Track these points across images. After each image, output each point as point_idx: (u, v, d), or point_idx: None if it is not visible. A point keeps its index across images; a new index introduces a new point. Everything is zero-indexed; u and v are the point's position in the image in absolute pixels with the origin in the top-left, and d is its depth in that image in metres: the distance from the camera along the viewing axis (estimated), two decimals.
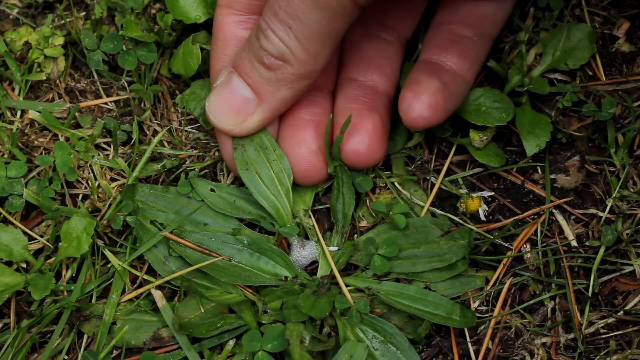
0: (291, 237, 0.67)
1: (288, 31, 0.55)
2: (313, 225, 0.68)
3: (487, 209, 0.70)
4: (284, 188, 0.67)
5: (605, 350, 0.62)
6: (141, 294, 0.67)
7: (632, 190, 0.67)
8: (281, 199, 0.67)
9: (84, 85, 0.76)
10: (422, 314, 0.63)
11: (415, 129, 0.64)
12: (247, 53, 0.59)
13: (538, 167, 0.71)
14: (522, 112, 0.71)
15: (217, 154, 0.73)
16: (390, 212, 0.67)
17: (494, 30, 0.69)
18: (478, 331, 0.65)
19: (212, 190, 0.69)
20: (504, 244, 0.68)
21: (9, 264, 0.68)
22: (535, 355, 0.63)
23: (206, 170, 0.72)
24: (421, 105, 0.62)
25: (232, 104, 0.60)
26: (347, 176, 0.68)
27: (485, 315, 0.66)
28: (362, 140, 0.64)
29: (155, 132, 0.74)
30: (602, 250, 0.66)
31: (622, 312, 0.64)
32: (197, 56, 0.72)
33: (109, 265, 0.69)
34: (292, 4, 0.54)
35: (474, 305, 0.66)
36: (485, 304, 0.66)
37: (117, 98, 0.75)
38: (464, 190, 0.70)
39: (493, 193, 0.70)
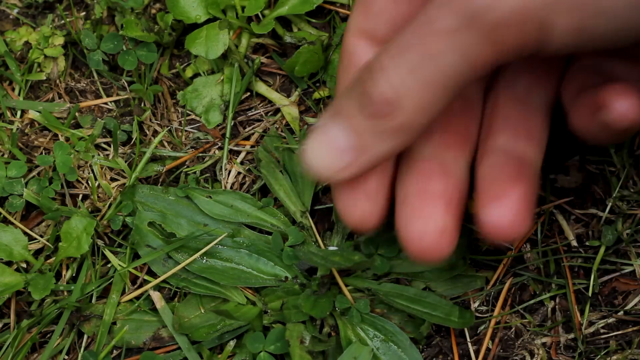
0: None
1: (411, 73, 0.49)
2: (311, 226, 0.68)
3: None
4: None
5: (605, 350, 0.63)
6: (141, 294, 0.67)
7: (632, 190, 0.67)
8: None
9: (84, 85, 0.76)
10: (421, 315, 0.63)
11: (620, 124, 0.52)
12: (353, 98, 0.52)
13: None
14: None
15: (217, 153, 0.73)
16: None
17: None
18: (478, 331, 0.65)
19: (209, 197, 0.69)
20: (504, 244, 0.68)
21: (9, 264, 0.68)
22: (535, 355, 0.63)
23: (207, 174, 0.72)
24: (632, 99, 0.51)
25: (330, 151, 0.54)
26: None
27: (485, 315, 0.66)
28: (505, 212, 0.54)
29: (155, 132, 0.74)
30: (602, 250, 0.66)
31: (622, 312, 0.64)
32: (224, 42, 0.72)
33: (109, 265, 0.69)
34: (429, 42, 0.48)
35: (474, 305, 0.66)
36: (485, 304, 0.66)
37: (117, 98, 0.75)
38: None
39: None
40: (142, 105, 0.75)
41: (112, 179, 0.72)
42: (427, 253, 0.56)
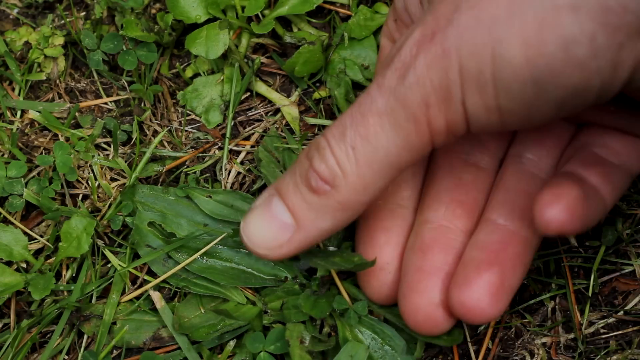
0: None
1: (350, 152, 0.50)
2: None
3: None
4: None
5: (606, 350, 0.63)
6: (141, 294, 0.67)
7: (632, 190, 0.67)
8: None
9: (84, 85, 0.76)
10: (410, 331, 0.62)
11: (547, 232, 0.53)
12: (293, 175, 0.54)
13: None
14: None
15: (217, 153, 0.73)
16: None
17: (636, 168, 0.59)
18: (478, 331, 0.65)
19: (209, 197, 0.69)
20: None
21: (9, 264, 0.68)
22: (535, 355, 0.63)
23: (207, 174, 0.72)
24: (558, 208, 0.52)
25: (269, 228, 0.55)
26: None
27: None
28: (473, 296, 0.55)
29: (155, 132, 0.74)
30: (602, 250, 0.66)
31: (622, 312, 0.64)
32: (224, 42, 0.72)
33: (109, 265, 0.69)
34: (367, 122, 0.49)
35: None
36: None
37: (117, 98, 0.75)
38: None
39: None
40: (142, 105, 0.75)
41: (112, 179, 0.72)
42: (422, 327, 0.57)
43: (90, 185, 0.71)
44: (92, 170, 0.71)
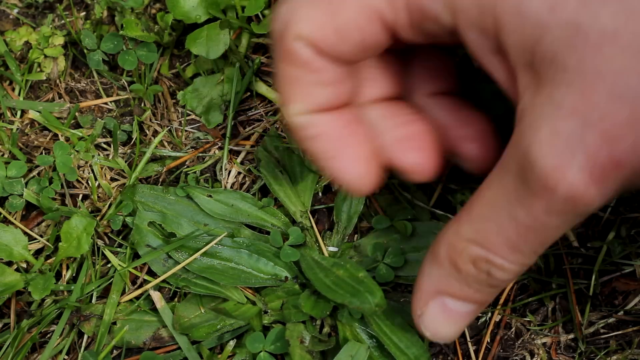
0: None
1: (475, 225, 0.49)
2: (311, 226, 0.68)
3: None
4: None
5: (606, 350, 0.63)
6: (141, 294, 0.67)
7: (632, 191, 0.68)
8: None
9: (84, 85, 0.76)
10: (391, 347, 0.62)
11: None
12: (446, 276, 0.53)
13: None
14: None
15: (217, 153, 0.73)
16: (395, 219, 0.67)
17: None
18: (478, 331, 0.65)
19: (209, 196, 0.69)
20: None
21: (9, 264, 0.68)
22: (535, 355, 0.63)
23: (207, 174, 0.72)
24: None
25: (453, 322, 0.55)
26: None
27: (485, 315, 0.66)
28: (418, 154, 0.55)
29: (155, 132, 0.74)
30: (603, 251, 0.66)
31: (622, 312, 0.64)
32: (225, 42, 0.72)
33: (109, 265, 0.69)
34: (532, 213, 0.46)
35: None
36: None
37: (117, 98, 0.75)
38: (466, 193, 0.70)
39: None
40: (142, 105, 0.75)
41: (112, 179, 0.72)
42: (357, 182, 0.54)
43: (90, 185, 0.71)
44: (92, 170, 0.71)
